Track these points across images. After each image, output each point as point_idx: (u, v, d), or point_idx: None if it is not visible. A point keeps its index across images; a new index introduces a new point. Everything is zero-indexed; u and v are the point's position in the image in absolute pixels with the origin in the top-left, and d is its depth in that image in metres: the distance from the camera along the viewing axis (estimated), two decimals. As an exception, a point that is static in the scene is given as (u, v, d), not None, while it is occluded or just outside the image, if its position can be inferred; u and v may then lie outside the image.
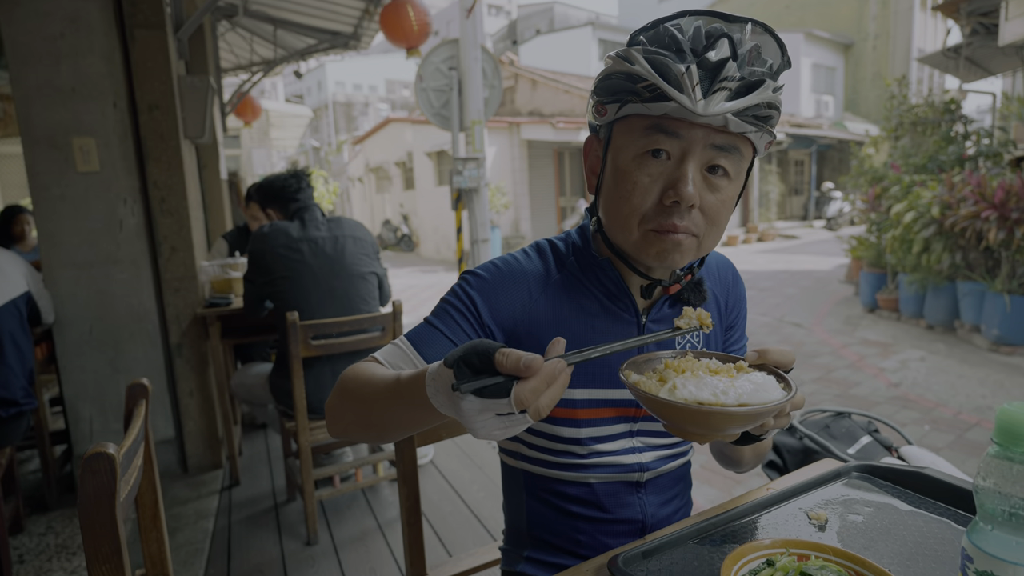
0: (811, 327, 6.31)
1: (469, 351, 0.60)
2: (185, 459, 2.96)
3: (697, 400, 0.64)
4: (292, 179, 2.51)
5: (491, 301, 0.91)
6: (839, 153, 19.67)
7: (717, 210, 0.82)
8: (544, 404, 0.57)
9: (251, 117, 6.12)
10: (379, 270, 2.51)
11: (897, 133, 7.12)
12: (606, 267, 0.92)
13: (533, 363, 0.56)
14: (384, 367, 0.85)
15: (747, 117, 0.76)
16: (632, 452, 0.97)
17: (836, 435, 1.47)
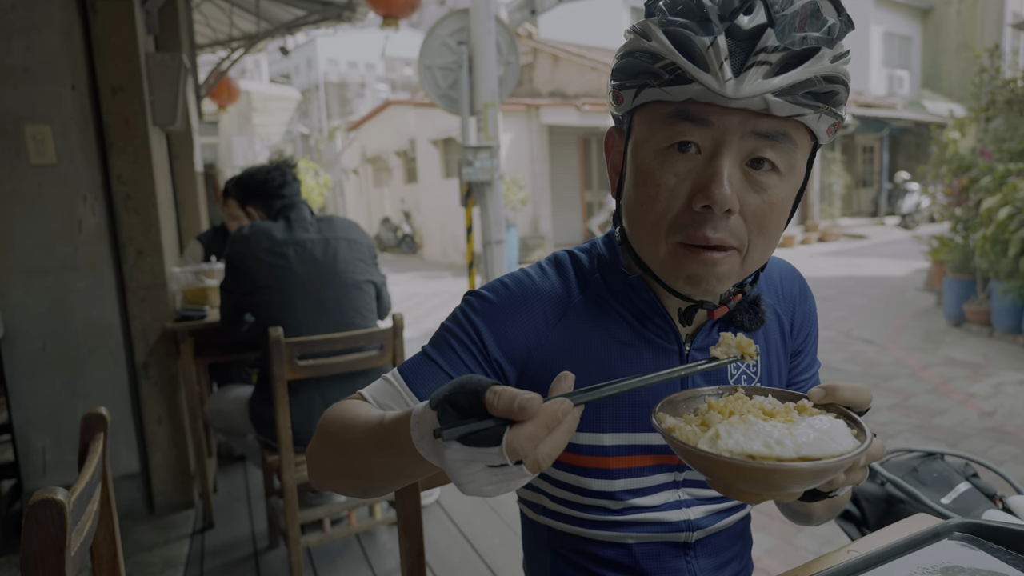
0: (884, 344, 6.20)
1: (455, 389, 0.58)
2: (151, 497, 2.96)
3: (746, 452, 0.61)
4: (276, 172, 2.52)
5: (499, 329, 0.88)
6: (916, 138, 19.40)
7: (764, 215, 0.77)
8: (544, 454, 0.55)
9: (230, 100, 6.20)
10: (377, 278, 2.50)
11: (988, 113, 6.98)
12: (637, 286, 0.89)
13: (529, 404, 0.54)
14: (371, 406, 0.83)
15: (796, 96, 0.71)
16: (678, 507, 0.93)
17: (926, 480, 1.42)
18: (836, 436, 0.64)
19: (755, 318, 0.92)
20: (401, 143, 16.72)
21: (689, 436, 0.65)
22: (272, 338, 2.09)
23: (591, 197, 15.42)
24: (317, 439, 0.82)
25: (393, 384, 0.86)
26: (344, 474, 0.78)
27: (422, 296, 10.20)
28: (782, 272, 1.03)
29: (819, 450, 0.62)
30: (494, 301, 0.90)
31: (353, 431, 0.75)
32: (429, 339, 0.92)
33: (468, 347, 0.87)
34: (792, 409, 0.70)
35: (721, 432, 0.63)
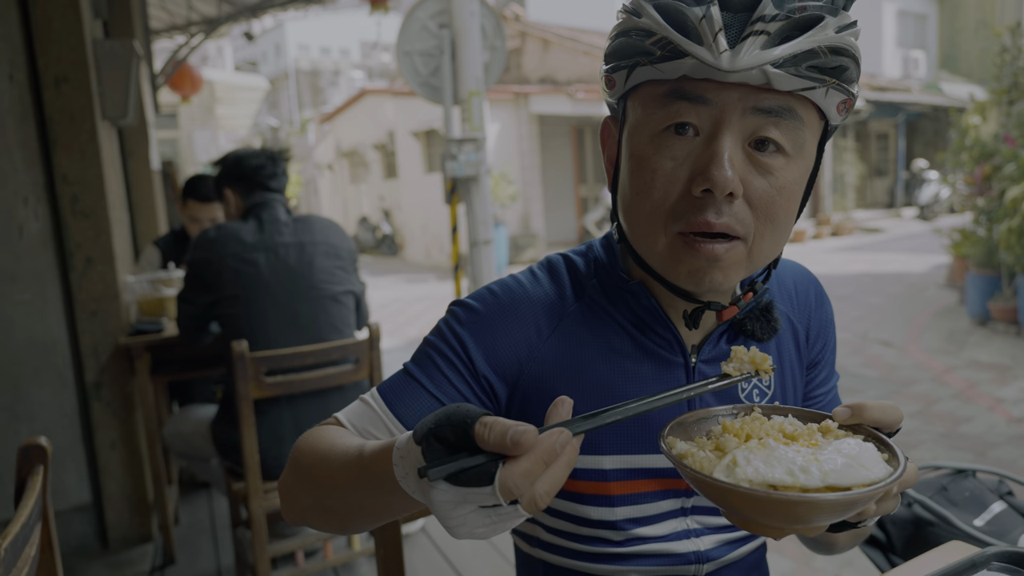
0: (904, 346, 6.22)
1: (441, 421, 0.56)
2: (105, 531, 2.91)
3: (767, 482, 0.60)
4: (269, 160, 2.46)
5: (487, 342, 0.87)
6: (934, 123, 19.56)
7: (771, 200, 0.76)
8: (542, 492, 0.54)
9: (190, 90, 6.14)
10: (357, 287, 2.46)
11: (1011, 96, 7.02)
12: (638, 293, 0.88)
13: (524, 437, 0.53)
14: (348, 433, 0.81)
15: (799, 69, 0.70)
16: (686, 536, 0.92)
17: (957, 500, 1.40)
18: (866, 461, 0.62)
19: (767, 327, 0.90)
20: (379, 136, 16.69)
21: (703, 464, 0.63)
22: (236, 353, 2.06)
23: (586, 192, 15.43)
24: (290, 471, 0.81)
25: (372, 406, 0.84)
26: (321, 511, 0.77)
27: (403, 302, 10.16)
28: (796, 276, 1.02)
29: (848, 478, 0.60)
30: (481, 311, 0.89)
31: (329, 464, 0.74)
32: (411, 355, 0.90)
33: (453, 363, 0.86)
34: (816, 431, 0.69)
35: (739, 459, 0.62)
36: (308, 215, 2.45)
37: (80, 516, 2.89)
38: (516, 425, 0.53)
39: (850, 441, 0.66)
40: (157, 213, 4.62)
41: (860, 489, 0.59)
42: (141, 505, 2.94)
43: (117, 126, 3.25)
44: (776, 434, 0.68)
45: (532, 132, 13.58)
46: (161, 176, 5.09)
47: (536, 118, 13.58)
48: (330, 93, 32.47)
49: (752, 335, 0.90)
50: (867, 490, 0.58)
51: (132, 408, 2.88)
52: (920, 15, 20.71)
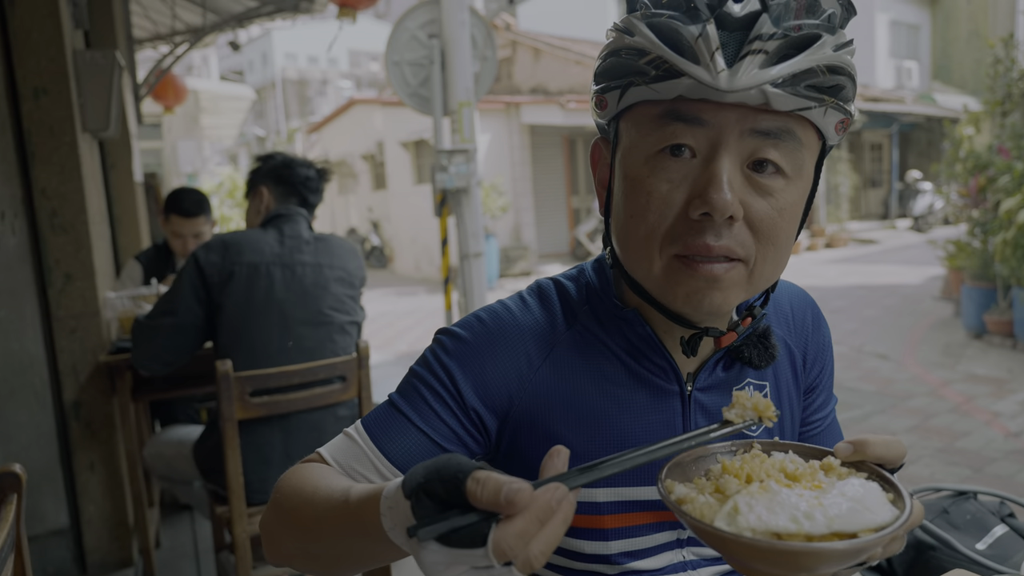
0: (900, 359, 6.25)
1: (431, 475, 0.55)
2: (83, 555, 2.87)
3: (770, 530, 0.58)
4: (315, 173, 2.44)
5: (475, 373, 0.85)
6: (927, 134, 19.77)
7: (772, 222, 0.75)
8: (537, 552, 0.52)
9: (174, 101, 6.13)
10: (360, 317, 2.43)
11: (1004, 107, 7.10)
12: (632, 320, 0.87)
13: (519, 496, 0.51)
14: (332, 472, 0.80)
15: (798, 88, 0.70)
16: (683, 570, 0.91)
17: (959, 524, 1.39)
18: (871, 504, 0.61)
19: (764, 353, 0.89)
20: (368, 146, 16.69)
21: (703, 511, 0.62)
22: (220, 373, 2.03)
23: (578, 203, 15.47)
24: (272, 513, 0.79)
25: (356, 441, 0.83)
26: (306, 555, 0.75)
27: (392, 316, 10.13)
28: (793, 299, 1.01)
29: (853, 523, 0.59)
30: (469, 340, 0.87)
31: (313, 507, 0.72)
32: (397, 385, 0.89)
33: (441, 396, 0.85)
34: (818, 469, 0.68)
35: (741, 506, 0.60)
36: (329, 235, 2.40)
37: (57, 540, 2.84)
38: (511, 482, 0.52)
39: (854, 481, 0.65)
40: (140, 227, 4.59)
41: (868, 536, 0.58)
42: (121, 528, 2.90)
43: (98, 138, 3.23)
44: (777, 474, 0.67)
45: (523, 143, 13.62)
46: (144, 189, 5.06)
47: (527, 128, 13.62)
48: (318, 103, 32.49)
49: (749, 362, 0.89)
50: (875, 537, 0.57)
51: (112, 428, 2.84)
52: (913, 25, 20.96)
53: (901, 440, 0.71)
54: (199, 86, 15.61)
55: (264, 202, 2.43)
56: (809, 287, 1.06)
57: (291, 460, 2.24)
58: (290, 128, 25.56)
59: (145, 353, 2.28)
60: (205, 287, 2.20)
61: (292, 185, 2.40)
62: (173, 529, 3.34)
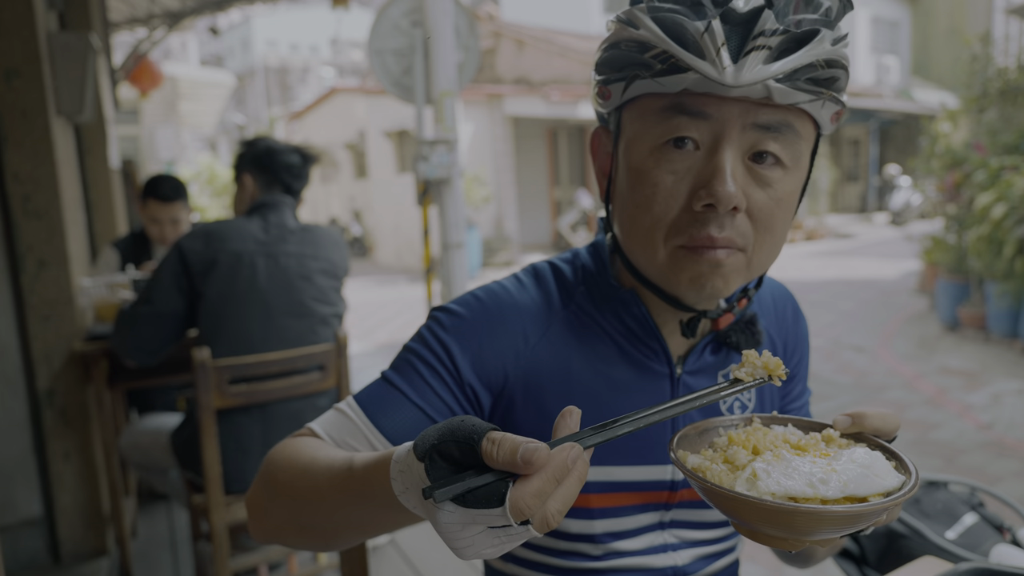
0: (876, 351, 6.33)
1: (446, 436, 0.55)
2: (57, 545, 2.83)
3: (788, 494, 0.60)
4: (301, 160, 2.38)
5: (473, 349, 0.86)
6: (906, 129, 19.98)
7: (771, 212, 0.78)
8: (554, 511, 0.53)
9: (151, 85, 6.03)
10: (342, 309, 2.41)
11: (981, 104, 7.19)
12: (629, 301, 0.88)
13: (536, 455, 0.52)
14: (327, 445, 0.79)
15: (798, 82, 0.72)
16: (663, 551, 0.93)
17: (930, 512, 1.41)
18: (879, 471, 0.63)
19: (751, 339, 0.92)
20: (350, 135, 16.57)
21: (722, 477, 0.63)
22: (197, 361, 2.01)
23: (560, 195, 15.48)
24: (262, 487, 0.79)
25: (350, 416, 0.82)
26: (301, 528, 0.75)
27: (373, 305, 10.09)
28: (774, 292, 1.04)
29: (865, 488, 0.61)
30: (466, 317, 0.88)
31: (312, 477, 0.72)
32: (390, 362, 0.89)
33: (437, 371, 0.85)
34: (819, 440, 0.70)
35: (759, 472, 0.62)
36: (315, 226, 2.37)
37: (30, 531, 2.80)
38: (527, 442, 0.52)
39: (860, 450, 0.66)
40: (116, 214, 4.53)
41: (878, 499, 0.60)
42: (96, 518, 2.86)
43: (73, 122, 3.18)
44: (783, 445, 0.68)
45: (506, 134, 13.59)
46: (121, 175, 4.98)
47: (510, 120, 13.59)
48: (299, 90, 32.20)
49: (736, 347, 0.91)
50: (887, 500, 0.59)
51: (87, 417, 2.80)
52: (893, 21, 21.16)
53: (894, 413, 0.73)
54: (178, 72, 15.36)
55: (248, 191, 2.40)
56: (788, 280, 1.08)
57: (269, 449, 2.23)
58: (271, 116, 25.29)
59: (125, 342, 2.25)
60: (187, 275, 2.17)
61: (275, 173, 2.36)
62: (149, 519, 3.32)
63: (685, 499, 0.92)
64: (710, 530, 0.95)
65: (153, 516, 3.33)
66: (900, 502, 0.60)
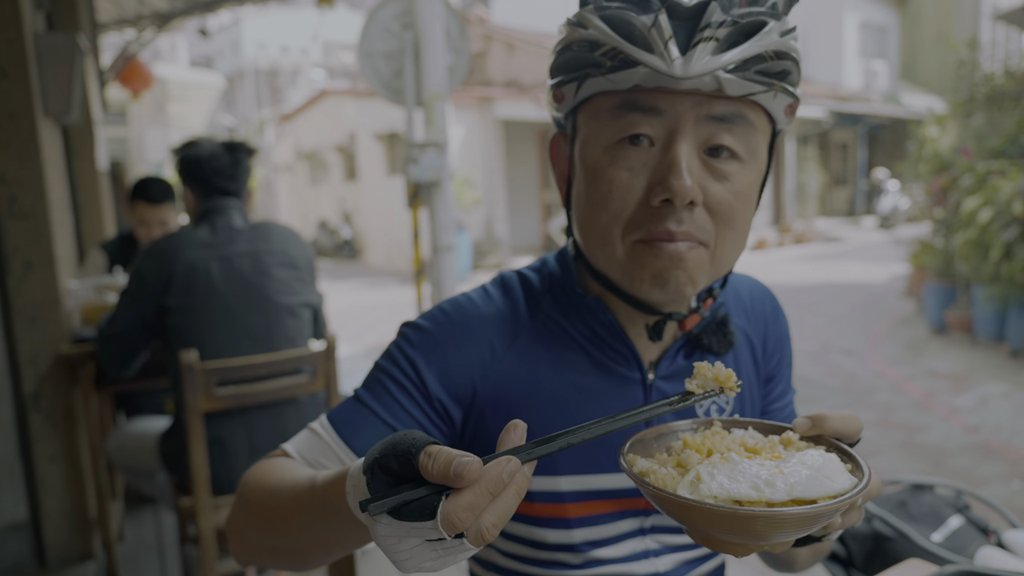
0: (864, 355, 6.36)
1: (387, 450, 0.55)
2: (43, 549, 2.81)
3: (732, 497, 0.59)
4: (225, 152, 2.33)
5: (439, 363, 0.86)
6: (894, 134, 20.13)
7: (729, 206, 0.77)
8: (489, 524, 0.53)
9: (140, 87, 6.00)
10: (314, 299, 2.40)
11: (968, 109, 7.26)
12: (594, 307, 0.88)
13: (467, 469, 0.52)
14: (297, 464, 0.80)
15: (749, 73, 0.73)
16: (645, 557, 0.92)
17: (916, 515, 1.42)
18: (830, 473, 0.62)
19: (724, 340, 0.91)
20: (340, 137, 16.53)
21: (666, 481, 0.62)
22: (184, 364, 2.00)
23: (551, 197, 15.49)
24: (238, 510, 0.79)
25: (322, 436, 0.82)
26: (274, 550, 0.75)
27: (363, 308, 10.06)
28: (752, 290, 1.03)
29: (813, 491, 0.60)
30: (432, 331, 0.88)
31: (279, 498, 0.72)
32: (363, 379, 0.89)
33: (405, 388, 0.85)
34: (777, 443, 0.69)
35: (703, 475, 0.61)
36: (266, 222, 2.37)
37: (16, 534, 2.78)
38: (461, 456, 0.52)
39: (813, 453, 0.66)
40: (104, 216, 4.50)
41: (826, 501, 0.59)
42: (82, 522, 2.84)
43: (61, 123, 3.16)
44: (738, 448, 0.67)
45: (496, 137, 13.59)
46: (109, 177, 4.96)
47: (501, 123, 13.59)
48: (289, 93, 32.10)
49: (709, 349, 0.91)
50: (834, 502, 0.58)
51: (74, 420, 2.79)
52: (881, 26, 21.31)
53: (857, 416, 0.72)
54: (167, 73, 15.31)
55: (191, 203, 2.40)
56: (777, 284, 1.08)
57: (256, 452, 2.23)
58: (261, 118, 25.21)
59: (101, 360, 2.31)
60: (148, 296, 2.19)
61: (205, 181, 2.33)
62: (136, 522, 3.29)
63: None
64: None
65: (140, 519, 3.31)
66: (846, 505, 0.59)
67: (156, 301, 2.19)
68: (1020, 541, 1.31)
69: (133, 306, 2.20)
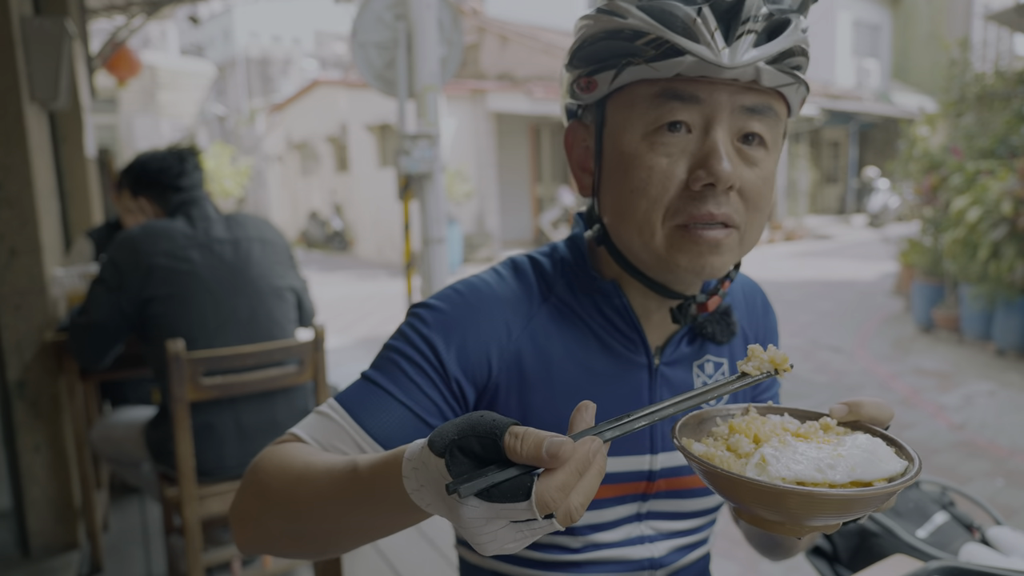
0: (852, 352, 6.40)
1: (466, 431, 0.55)
2: (26, 538, 2.79)
3: (798, 479, 0.60)
4: (173, 159, 2.38)
5: (457, 343, 0.86)
6: (885, 132, 20.22)
7: (759, 190, 0.81)
8: (576, 504, 0.54)
9: (128, 74, 5.94)
10: (296, 283, 2.41)
11: (958, 109, 7.29)
12: (610, 292, 0.89)
13: (561, 449, 0.52)
14: (314, 448, 0.78)
15: (782, 66, 0.77)
16: (640, 543, 0.94)
17: (902, 511, 1.43)
18: (881, 455, 0.64)
19: (726, 329, 0.94)
20: (331, 128, 16.45)
21: (729, 463, 0.64)
22: (171, 353, 1.98)
23: (542, 191, 15.49)
24: (250, 497, 0.77)
25: (334, 419, 0.81)
26: (298, 536, 0.73)
27: (354, 299, 10.03)
28: (744, 285, 1.06)
29: (871, 472, 0.62)
30: (448, 311, 0.87)
31: (311, 483, 0.70)
32: (371, 362, 0.87)
33: (423, 368, 0.84)
34: (818, 429, 0.70)
35: (768, 457, 0.62)
36: (237, 212, 2.39)
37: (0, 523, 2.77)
38: (552, 436, 0.52)
39: (860, 437, 0.67)
40: (92, 203, 4.46)
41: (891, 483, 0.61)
42: (67, 511, 2.82)
43: (48, 109, 3.12)
44: (784, 434, 0.68)
45: (489, 130, 13.56)
46: (97, 164, 4.91)
47: (493, 116, 13.56)
48: (281, 82, 31.89)
49: (712, 338, 0.93)
50: (898, 483, 0.60)
51: (59, 408, 2.76)
52: (874, 25, 21.37)
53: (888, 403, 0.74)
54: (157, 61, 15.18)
55: (150, 212, 2.44)
56: (767, 280, 1.09)
57: (245, 438, 2.23)
58: (252, 107, 25.05)
59: (71, 350, 2.29)
60: (123, 287, 2.16)
61: (155, 184, 2.38)
62: (122, 512, 3.28)
63: (662, 489, 0.93)
64: (685, 520, 0.96)
65: (125, 509, 3.29)
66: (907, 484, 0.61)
67: (136, 293, 2.16)
68: (1003, 537, 1.32)
69: (108, 296, 2.17)
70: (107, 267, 2.18)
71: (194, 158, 2.43)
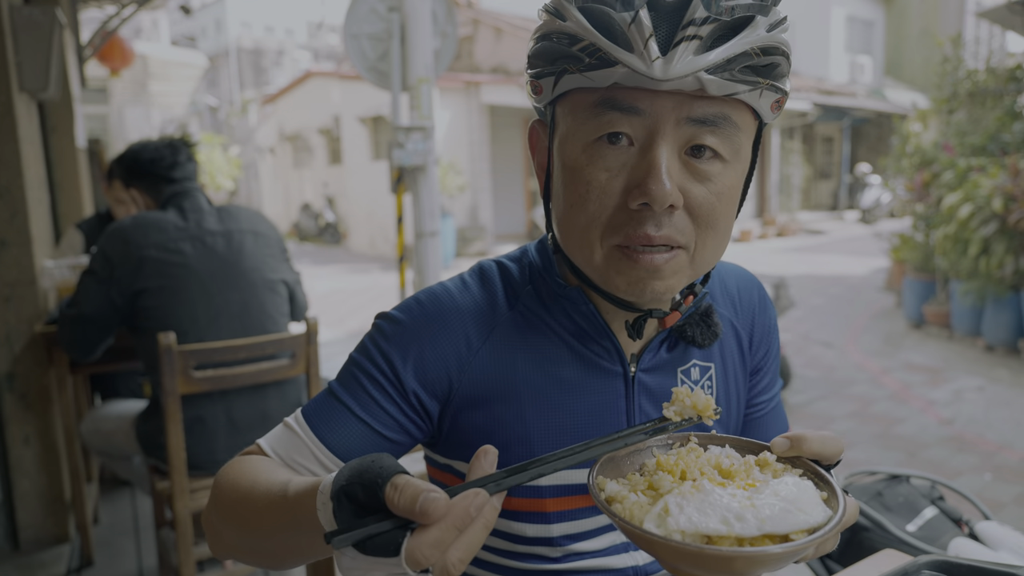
0: (843, 347, 6.43)
1: (353, 479, 0.54)
2: (16, 531, 2.78)
3: (701, 532, 0.57)
4: (166, 150, 2.36)
5: (414, 357, 0.84)
6: (878, 128, 20.27)
7: (711, 208, 0.75)
8: (455, 560, 0.52)
9: (120, 64, 5.89)
10: (289, 276, 2.40)
11: (950, 105, 7.31)
12: (576, 299, 0.86)
13: (433, 506, 0.51)
14: (272, 464, 0.78)
15: (733, 72, 0.69)
16: (624, 551, 0.92)
17: (892, 506, 1.44)
18: (804, 504, 0.61)
19: (708, 332, 0.90)
20: (324, 120, 16.37)
21: (633, 511, 0.61)
22: (162, 346, 1.97)
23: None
24: (213, 508, 0.78)
25: (296, 432, 0.81)
26: (250, 550, 0.74)
27: (346, 292, 10.01)
28: (739, 280, 1.01)
29: (785, 524, 0.58)
30: (406, 323, 0.86)
31: (253, 503, 0.71)
32: (337, 373, 0.87)
33: (380, 383, 0.83)
34: (753, 465, 0.67)
35: (671, 507, 0.59)
36: (230, 204, 2.38)
37: (-12, 516, 2.75)
38: (427, 491, 0.51)
39: (787, 480, 0.64)
40: (82, 194, 4.43)
41: (799, 539, 0.58)
42: (57, 504, 2.82)
43: (37, 99, 3.09)
44: (711, 471, 0.66)
45: (483, 123, 13.52)
46: (87, 155, 4.87)
47: (487, 108, 13.52)
48: (273, 73, 31.71)
49: (693, 341, 0.89)
50: (805, 540, 0.57)
51: (49, 401, 2.75)
52: (867, 21, 21.40)
53: (838, 437, 0.70)
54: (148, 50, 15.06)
55: (141, 203, 2.42)
56: (758, 275, 1.06)
57: (237, 430, 2.22)
58: (244, 98, 24.89)
59: (62, 342, 2.26)
60: (114, 278, 2.15)
61: (148, 174, 2.35)
62: (112, 505, 3.26)
63: None
64: None
65: (116, 502, 3.28)
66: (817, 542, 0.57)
67: (127, 285, 2.15)
68: (992, 532, 1.33)
69: (99, 287, 2.15)
70: (97, 258, 2.17)
71: (187, 149, 2.42)
